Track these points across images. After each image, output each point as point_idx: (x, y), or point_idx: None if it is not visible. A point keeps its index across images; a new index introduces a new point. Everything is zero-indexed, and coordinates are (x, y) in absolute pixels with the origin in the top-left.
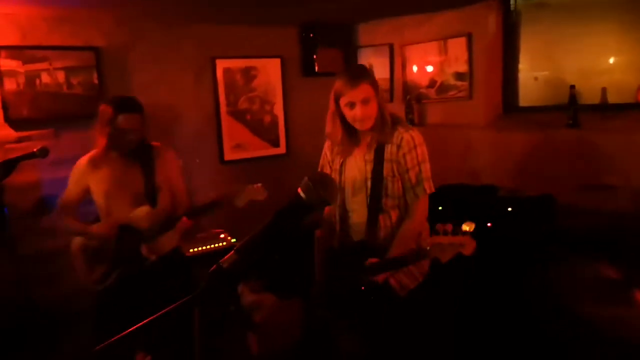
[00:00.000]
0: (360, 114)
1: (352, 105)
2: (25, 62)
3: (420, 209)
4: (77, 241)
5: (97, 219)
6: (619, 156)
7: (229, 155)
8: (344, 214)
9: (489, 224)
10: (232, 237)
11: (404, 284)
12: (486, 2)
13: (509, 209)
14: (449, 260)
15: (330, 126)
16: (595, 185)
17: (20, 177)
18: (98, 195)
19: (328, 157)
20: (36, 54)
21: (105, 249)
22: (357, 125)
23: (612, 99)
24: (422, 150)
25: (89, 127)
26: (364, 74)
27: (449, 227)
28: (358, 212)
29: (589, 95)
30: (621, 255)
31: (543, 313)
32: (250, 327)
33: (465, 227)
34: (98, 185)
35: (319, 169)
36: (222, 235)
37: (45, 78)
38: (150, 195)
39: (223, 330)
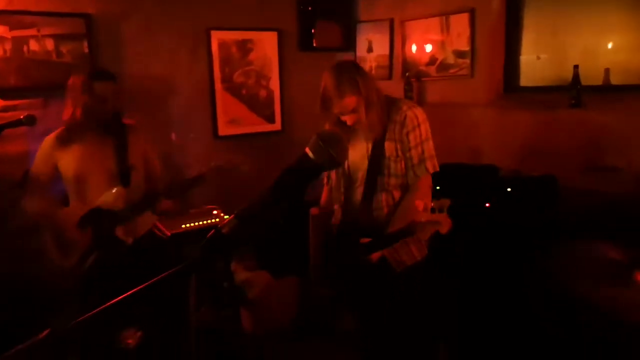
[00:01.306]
0: (349, 122)
1: (341, 114)
2: (12, 28)
3: (422, 187)
4: (47, 225)
5: (64, 199)
6: (623, 137)
7: (223, 130)
8: (346, 195)
9: (487, 204)
10: (225, 214)
11: (401, 261)
12: None
13: (509, 190)
14: (428, 238)
15: (321, 112)
16: (598, 167)
17: (8, 147)
18: (67, 174)
19: None
20: (24, 20)
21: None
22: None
23: (615, 79)
24: (426, 128)
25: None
26: (350, 83)
27: (430, 205)
28: (353, 193)
29: (592, 75)
30: (623, 236)
31: (542, 295)
32: (244, 304)
33: (439, 204)
34: (68, 163)
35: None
36: (215, 212)
37: (33, 45)
38: (124, 175)
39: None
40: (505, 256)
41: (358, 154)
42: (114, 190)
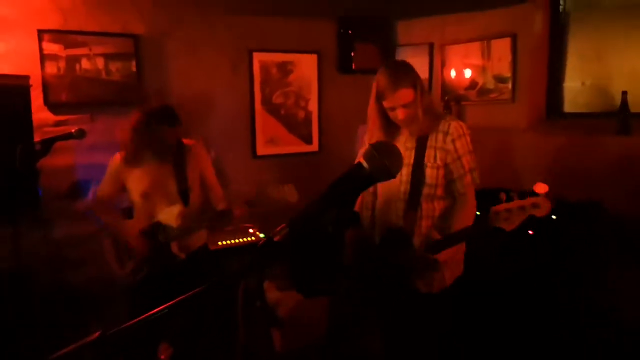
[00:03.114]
0: (401, 117)
1: (393, 108)
2: (66, 47)
3: (472, 195)
4: (107, 239)
5: (128, 209)
6: None
7: (261, 150)
8: (380, 206)
9: (530, 232)
10: (261, 232)
11: (431, 284)
12: (533, 1)
13: (553, 217)
14: (516, 227)
15: (371, 118)
16: None
17: (56, 160)
18: (134, 194)
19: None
20: (77, 39)
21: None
22: (399, 123)
23: None
24: (470, 140)
25: (125, 113)
26: (405, 78)
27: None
28: (391, 202)
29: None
30: None
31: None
32: (274, 323)
33: (538, 189)
34: (135, 184)
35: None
36: (250, 230)
37: (85, 63)
38: (183, 194)
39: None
40: (549, 284)
41: None
42: (174, 208)
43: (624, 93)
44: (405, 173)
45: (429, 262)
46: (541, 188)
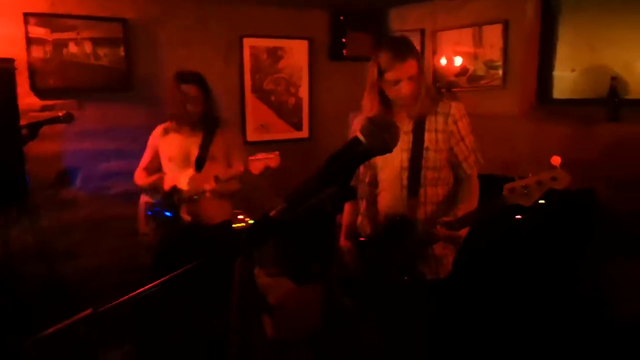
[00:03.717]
0: (405, 91)
1: (397, 82)
2: (53, 31)
3: (475, 177)
4: (142, 198)
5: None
6: None
7: (251, 136)
8: (374, 193)
9: (518, 216)
10: (250, 219)
11: (435, 271)
12: None
13: (542, 202)
14: (534, 202)
15: (367, 99)
16: (636, 182)
17: (43, 147)
18: (162, 159)
19: None
20: (65, 23)
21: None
22: (399, 101)
23: None
24: (469, 121)
25: (113, 99)
26: (410, 49)
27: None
28: (392, 190)
29: (630, 89)
30: None
31: (583, 312)
32: (265, 310)
33: (554, 162)
34: (163, 150)
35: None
36: (240, 216)
37: (72, 48)
38: (198, 161)
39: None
40: (537, 271)
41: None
42: (188, 171)
43: (613, 79)
44: (405, 158)
45: (454, 238)
46: (557, 160)
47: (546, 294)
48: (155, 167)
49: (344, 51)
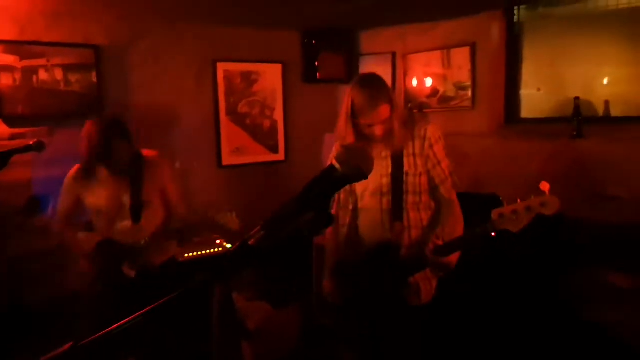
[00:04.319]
0: (378, 133)
1: (370, 125)
2: (22, 58)
3: (456, 200)
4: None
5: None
6: (624, 168)
7: (227, 160)
8: (356, 218)
9: (493, 234)
10: (228, 243)
11: (421, 295)
12: (490, 12)
13: None
14: (523, 228)
15: (342, 127)
16: (600, 196)
17: (12, 174)
18: (89, 207)
19: None
20: (34, 50)
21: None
22: (375, 139)
23: (615, 111)
24: (445, 144)
25: (84, 125)
26: (382, 93)
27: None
28: (373, 216)
29: (592, 107)
30: (627, 264)
31: (552, 320)
32: (244, 335)
33: (543, 187)
34: (89, 199)
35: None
36: (218, 241)
37: (42, 75)
38: (134, 210)
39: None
40: (510, 284)
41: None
42: (125, 223)
43: (576, 99)
44: (385, 184)
45: (442, 265)
46: (545, 186)
47: (516, 306)
48: (76, 215)
49: (318, 74)
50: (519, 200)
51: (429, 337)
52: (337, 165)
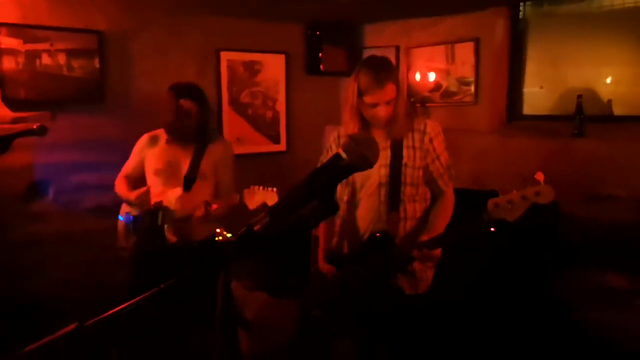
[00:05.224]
0: (382, 114)
1: (375, 105)
2: (26, 41)
3: (451, 193)
4: (123, 208)
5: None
6: (624, 167)
7: None
8: (353, 210)
9: (492, 229)
10: (228, 232)
11: (418, 284)
12: (495, 8)
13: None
14: (518, 218)
15: (348, 116)
16: (599, 195)
17: (13, 159)
18: (147, 171)
19: (334, 150)
20: (38, 34)
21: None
22: (376, 122)
23: (617, 110)
24: (443, 138)
25: (87, 111)
26: (390, 73)
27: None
28: (370, 206)
29: (595, 106)
30: (624, 264)
31: (547, 319)
32: (241, 324)
33: (539, 177)
34: (149, 161)
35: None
36: (217, 230)
37: (45, 59)
38: (187, 180)
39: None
40: (507, 280)
41: None
42: (175, 192)
43: (579, 97)
44: (383, 174)
45: (430, 257)
46: (540, 176)
47: (512, 303)
48: (138, 176)
49: (321, 66)
50: (514, 191)
51: (423, 331)
52: (344, 155)
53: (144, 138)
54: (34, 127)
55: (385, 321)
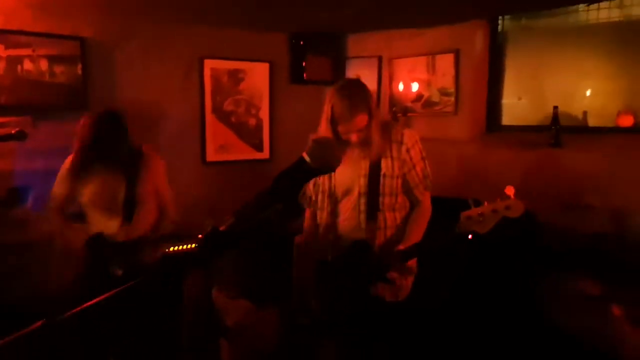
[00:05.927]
0: (355, 140)
1: (347, 133)
2: (7, 47)
3: (428, 202)
4: (57, 242)
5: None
6: (599, 177)
7: (211, 157)
8: (334, 219)
9: (470, 236)
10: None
11: (394, 294)
12: (475, 21)
13: None
14: (489, 230)
15: (324, 128)
16: (576, 205)
17: None
18: (82, 202)
19: None
20: (20, 40)
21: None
22: (352, 144)
23: (593, 122)
24: (422, 147)
25: (67, 118)
26: (362, 101)
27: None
28: (350, 215)
29: (570, 118)
30: (599, 272)
31: (522, 325)
32: (222, 333)
33: (509, 191)
34: (82, 192)
35: None
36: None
37: (27, 65)
38: (127, 207)
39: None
40: (486, 288)
41: (350, 171)
42: (115, 221)
43: (555, 108)
44: (362, 184)
45: (406, 268)
46: (511, 190)
47: (489, 313)
48: (69, 205)
49: (305, 75)
50: (485, 203)
51: (405, 338)
52: (306, 157)
53: (67, 165)
54: (13, 132)
55: (367, 328)
